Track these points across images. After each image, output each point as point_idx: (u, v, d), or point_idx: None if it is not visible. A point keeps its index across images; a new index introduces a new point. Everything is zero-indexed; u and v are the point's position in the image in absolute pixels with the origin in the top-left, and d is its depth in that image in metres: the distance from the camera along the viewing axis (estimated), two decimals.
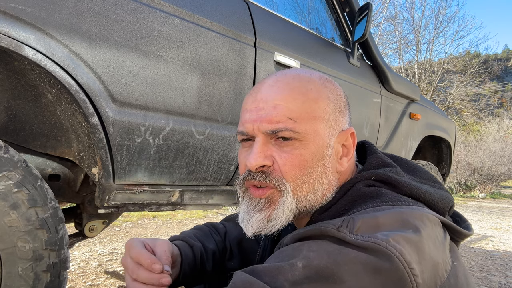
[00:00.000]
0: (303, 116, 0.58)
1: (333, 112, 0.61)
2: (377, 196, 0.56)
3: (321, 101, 0.60)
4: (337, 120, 0.61)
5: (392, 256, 0.43)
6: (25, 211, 0.82)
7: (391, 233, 0.46)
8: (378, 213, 0.49)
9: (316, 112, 0.59)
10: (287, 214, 0.58)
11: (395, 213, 0.50)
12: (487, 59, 25.86)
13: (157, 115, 1.08)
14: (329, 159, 0.60)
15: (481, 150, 11.50)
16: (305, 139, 0.58)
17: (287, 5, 1.72)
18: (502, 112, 25.00)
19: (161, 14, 1.07)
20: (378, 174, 0.59)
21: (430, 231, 0.50)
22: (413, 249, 0.45)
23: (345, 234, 0.46)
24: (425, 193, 0.59)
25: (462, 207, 7.28)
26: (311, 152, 0.58)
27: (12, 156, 0.83)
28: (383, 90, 2.08)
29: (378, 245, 0.44)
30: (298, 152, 0.58)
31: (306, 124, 0.58)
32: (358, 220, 0.48)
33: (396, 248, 0.43)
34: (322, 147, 0.59)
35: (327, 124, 0.60)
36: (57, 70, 0.86)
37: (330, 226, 0.47)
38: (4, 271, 0.79)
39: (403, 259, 0.43)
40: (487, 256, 3.09)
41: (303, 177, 0.58)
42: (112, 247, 2.72)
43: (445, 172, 2.92)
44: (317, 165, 0.59)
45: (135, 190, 1.11)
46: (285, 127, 0.57)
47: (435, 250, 0.49)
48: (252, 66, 1.32)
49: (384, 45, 15.36)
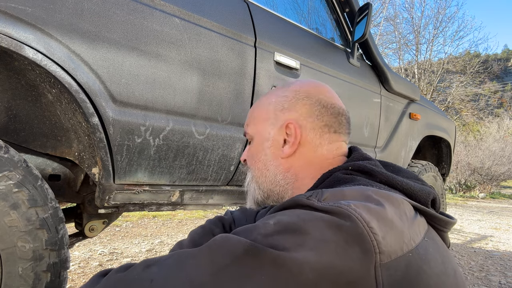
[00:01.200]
0: (250, 121, 0.80)
1: (273, 112, 0.76)
2: (351, 181, 0.62)
3: (263, 107, 0.78)
4: (278, 117, 0.75)
5: (352, 215, 0.48)
6: (25, 211, 0.82)
7: (354, 202, 0.51)
8: (345, 188, 0.56)
9: (259, 116, 0.78)
10: (252, 192, 0.78)
11: (361, 189, 0.55)
12: (487, 59, 25.86)
13: (157, 115, 1.08)
14: (268, 148, 0.75)
15: (481, 150, 11.50)
16: (253, 138, 0.79)
17: (287, 5, 1.72)
18: (502, 112, 25.01)
19: (161, 14, 1.07)
20: (355, 164, 0.66)
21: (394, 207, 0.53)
22: (374, 215, 0.49)
23: (313, 201, 0.52)
24: (402, 182, 0.62)
25: (462, 207, 7.28)
26: (256, 145, 0.78)
27: (12, 156, 0.83)
28: (383, 90, 2.08)
29: (340, 207, 0.49)
30: (249, 147, 0.80)
31: (252, 127, 0.79)
32: (326, 192, 0.55)
33: (356, 211, 0.49)
34: (262, 140, 0.77)
35: (268, 122, 0.76)
36: (57, 70, 0.86)
37: (301, 196, 0.54)
38: (4, 271, 0.79)
39: (362, 219, 0.48)
40: (487, 256, 3.10)
41: (253, 164, 0.78)
42: (112, 247, 2.72)
43: (445, 172, 2.93)
44: (259, 154, 0.77)
45: (135, 190, 1.11)
46: (244, 131, 0.82)
47: (400, 222, 0.52)
48: (252, 66, 1.32)
49: (384, 45, 15.37)
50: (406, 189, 0.61)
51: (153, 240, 3.02)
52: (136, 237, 3.11)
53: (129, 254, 2.57)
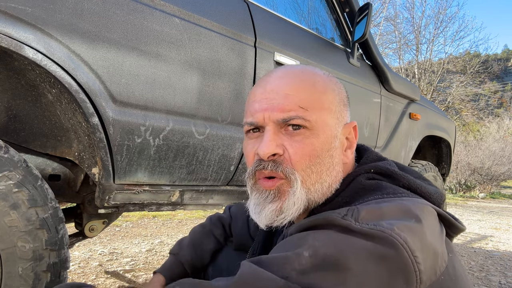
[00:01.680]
0: (313, 106, 0.59)
1: (338, 104, 0.63)
2: (378, 189, 0.57)
3: (329, 93, 0.62)
4: (342, 113, 0.63)
5: (397, 243, 0.44)
6: (25, 211, 0.82)
7: (395, 221, 0.47)
8: (382, 204, 0.51)
9: (325, 103, 0.60)
10: (298, 205, 0.58)
11: (398, 204, 0.51)
12: (487, 59, 25.85)
13: (157, 115, 1.08)
14: (336, 150, 0.61)
15: (481, 150, 11.50)
16: (315, 129, 0.59)
17: (287, 5, 1.72)
18: (502, 112, 25.01)
19: (161, 14, 1.07)
20: (377, 167, 0.61)
21: (430, 221, 0.51)
22: (416, 237, 0.46)
23: (350, 222, 0.46)
24: (421, 186, 0.60)
25: (462, 207, 7.28)
26: (321, 141, 0.59)
27: (12, 156, 0.83)
28: (383, 90, 2.08)
29: (384, 232, 0.44)
30: (309, 141, 0.58)
31: (316, 113, 0.59)
32: (362, 209, 0.49)
33: (400, 236, 0.44)
34: (330, 137, 0.60)
35: (334, 116, 0.61)
36: (57, 70, 0.86)
37: (336, 214, 0.48)
38: (4, 271, 0.79)
39: (408, 247, 0.44)
40: (487, 256, 3.10)
41: (312, 166, 0.58)
42: (112, 247, 2.72)
43: (445, 172, 2.92)
44: (325, 155, 0.59)
45: (135, 190, 1.11)
46: (296, 115, 0.58)
47: (435, 240, 0.50)
48: (252, 66, 1.32)
49: (384, 45, 15.37)
50: (425, 193, 0.60)
51: (153, 240, 3.03)
52: (136, 237, 3.11)
53: (129, 254, 2.57)
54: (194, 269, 0.88)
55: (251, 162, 0.62)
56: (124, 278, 2.07)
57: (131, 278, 2.07)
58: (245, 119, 0.64)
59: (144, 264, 2.35)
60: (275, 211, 0.58)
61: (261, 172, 0.60)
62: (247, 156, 0.64)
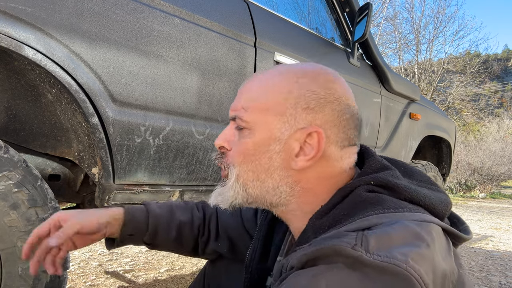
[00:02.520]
0: (254, 106, 0.61)
1: (293, 107, 0.60)
2: (378, 203, 0.55)
3: (278, 95, 0.60)
4: (297, 117, 0.59)
5: (413, 279, 0.43)
6: (25, 211, 0.82)
7: (408, 249, 0.45)
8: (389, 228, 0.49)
9: (269, 104, 0.60)
10: (232, 193, 0.63)
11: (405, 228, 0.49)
12: (487, 59, 25.86)
13: (157, 115, 1.08)
14: (277, 153, 0.60)
15: (481, 150, 11.50)
16: (252, 129, 0.61)
17: (287, 5, 1.72)
18: (502, 112, 25.01)
19: (161, 14, 1.07)
20: (378, 179, 0.59)
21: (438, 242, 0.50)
22: (428, 266, 0.45)
23: (361, 253, 0.44)
24: (424, 197, 0.58)
25: (462, 207, 7.28)
26: (255, 142, 0.61)
27: (12, 156, 0.83)
28: (383, 90, 2.08)
29: (398, 266, 0.43)
30: (244, 140, 0.62)
31: (256, 114, 0.61)
32: (371, 237, 0.46)
33: (415, 269, 0.43)
34: (268, 139, 0.60)
35: (282, 119, 0.60)
36: (57, 70, 0.86)
37: (344, 244, 0.46)
38: (4, 271, 0.79)
39: (423, 282, 0.43)
40: (487, 256, 3.09)
41: (247, 163, 0.62)
42: None
43: (445, 172, 2.93)
44: (261, 156, 0.61)
45: (135, 190, 1.11)
46: (236, 115, 0.62)
47: (444, 262, 0.49)
48: (252, 66, 1.32)
49: (384, 45, 15.37)
50: (428, 205, 0.58)
51: None
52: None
53: (129, 254, 2.57)
54: (155, 230, 0.82)
55: None
56: (124, 278, 2.07)
57: (131, 278, 2.07)
58: None
59: (144, 264, 2.35)
60: (218, 194, 0.66)
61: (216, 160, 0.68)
62: None
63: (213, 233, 0.89)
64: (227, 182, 0.64)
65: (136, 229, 0.80)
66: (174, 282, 2.04)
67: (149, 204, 0.85)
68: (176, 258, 2.52)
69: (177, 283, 2.04)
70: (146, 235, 0.81)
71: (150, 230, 0.81)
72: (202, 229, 0.89)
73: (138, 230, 0.80)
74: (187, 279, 2.11)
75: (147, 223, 0.81)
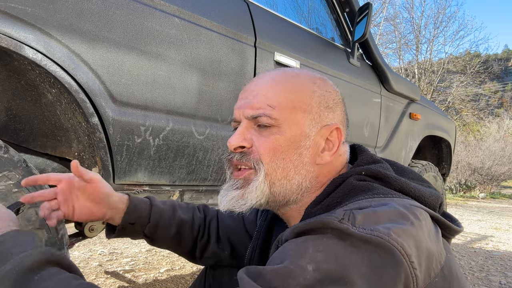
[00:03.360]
0: (282, 105, 0.63)
1: (317, 106, 0.64)
2: (368, 190, 0.58)
3: (302, 94, 0.64)
4: (321, 114, 0.65)
5: (395, 250, 0.45)
6: (25, 211, 0.82)
7: (391, 225, 0.48)
8: (376, 208, 0.51)
9: (297, 102, 0.63)
10: (258, 194, 0.62)
11: (392, 207, 0.52)
12: (487, 59, 25.83)
13: (157, 115, 1.08)
14: (306, 149, 0.63)
15: (481, 150, 11.50)
16: (282, 126, 0.62)
17: (287, 5, 1.72)
18: (502, 112, 24.99)
19: (161, 14, 1.07)
20: (369, 169, 0.62)
21: (424, 223, 0.52)
22: (412, 241, 0.47)
23: (348, 226, 0.47)
24: (415, 189, 0.61)
25: (462, 207, 7.28)
26: (286, 138, 0.62)
27: (12, 156, 0.83)
28: (383, 90, 2.08)
29: (381, 238, 0.45)
30: (274, 137, 0.62)
31: (284, 112, 0.62)
32: (357, 214, 0.49)
33: (397, 241, 0.45)
34: (299, 136, 0.63)
35: (309, 116, 0.64)
36: (57, 70, 0.86)
37: (333, 218, 0.48)
38: None
39: (405, 253, 0.45)
40: (487, 256, 3.09)
41: (276, 161, 0.62)
42: (112, 247, 2.72)
43: (445, 172, 2.92)
44: (292, 153, 0.62)
45: (135, 190, 1.11)
46: (263, 113, 0.62)
47: (430, 242, 0.50)
48: (252, 66, 1.32)
49: (384, 45, 15.37)
50: (418, 196, 0.60)
51: None
52: None
53: (129, 254, 2.57)
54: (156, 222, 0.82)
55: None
56: (124, 278, 2.07)
57: (131, 278, 2.07)
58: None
59: (144, 264, 2.35)
60: (237, 198, 0.64)
61: (230, 161, 0.66)
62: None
63: (214, 236, 0.90)
64: (251, 183, 0.63)
65: (138, 219, 0.80)
66: (174, 282, 2.04)
67: (153, 198, 0.86)
68: (176, 258, 2.52)
69: (177, 283, 2.04)
70: (147, 227, 0.82)
71: (152, 222, 0.82)
72: (202, 231, 0.89)
73: (140, 220, 0.81)
74: (187, 279, 2.11)
75: (149, 214, 0.82)
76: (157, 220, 0.83)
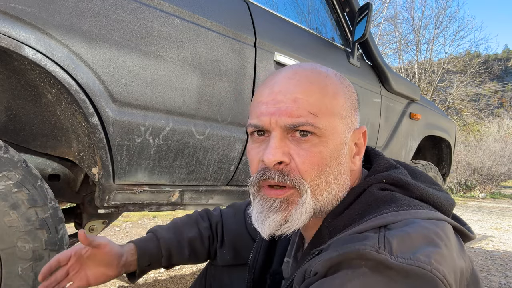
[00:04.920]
0: (323, 111, 0.55)
1: (349, 109, 0.59)
2: (392, 201, 0.55)
3: (339, 97, 0.58)
4: (352, 118, 0.60)
5: (437, 280, 0.43)
6: (25, 211, 0.82)
7: (429, 250, 0.45)
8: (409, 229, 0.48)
9: (335, 108, 0.57)
10: (305, 216, 0.56)
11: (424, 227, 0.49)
12: (487, 59, 25.84)
13: (157, 115, 1.08)
14: (344, 157, 0.58)
15: (481, 150, 11.49)
16: (324, 136, 0.55)
17: (287, 5, 1.72)
18: (502, 112, 24.98)
19: (161, 14, 1.07)
20: (389, 177, 0.58)
21: (453, 241, 0.51)
22: (449, 265, 0.45)
23: (386, 257, 0.43)
24: (433, 196, 0.59)
25: (462, 207, 7.28)
26: (330, 149, 0.56)
27: (12, 156, 0.83)
28: (383, 90, 2.08)
29: (423, 269, 0.43)
30: (317, 149, 0.55)
31: (326, 119, 0.55)
32: (392, 238, 0.46)
33: (439, 270, 0.43)
34: (339, 144, 0.57)
35: (344, 121, 0.58)
36: (57, 70, 0.86)
37: (368, 248, 0.44)
38: (4, 271, 0.79)
39: (447, 282, 0.43)
40: (487, 256, 3.09)
41: (320, 176, 0.56)
42: None
43: (445, 172, 2.92)
44: (334, 163, 0.56)
45: (135, 190, 1.11)
46: (306, 121, 0.54)
47: (460, 260, 0.49)
48: (252, 66, 1.32)
49: (384, 45, 15.37)
50: (437, 203, 0.58)
51: None
52: (136, 237, 3.10)
53: None
54: (168, 253, 0.84)
55: (256, 169, 0.59)
56: (124, 278, 2.07)
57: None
58: (250, 121, 0.60)
59: None
60: (280, 221, 0.56)
61: (266, 181, 0.57)
62: (251, 161, 0.61)
63: (219, 239, 0.91)
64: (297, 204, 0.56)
65: (151, 259, 0.83)
66: (174, 282, 2.04)
67: (156, 231, 0.87)
68: None
69: (177, 283, 2.04)
70: (162, 261, 0.84)
71: (165, 255, 0.84)
72: (212, 238, 0.91)
73: (153, 259, 0.83)
74: (187, 279, 2.11)
75: (159, 250, 0.84)
76: (169, 250, 0.85)
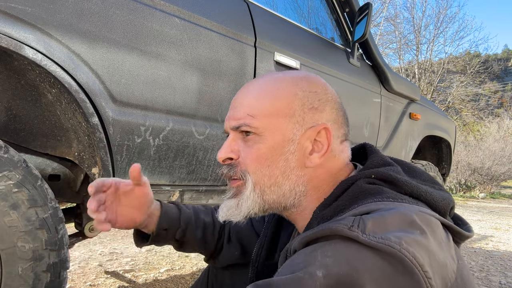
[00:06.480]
0: (262, 113, 0.63)
1: (300, 108, 0.63)
2: (378, 193, 0.56)
3: (283, 99, 0.63)
4: (305, 117, 0.63)
5: (406, 260, 0.44)
6: (25, 211, 0.82)
7: (402, 234, 0.46)
8: (385, 213, 0.50)
9: (278, 108, 0.63)
10: (249, 204, 0.63)
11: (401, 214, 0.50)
12: (487, 59, 25.84)
13: (157, 115, 1.08)
14: (292, 154, 0.63)
15: (481, 150, 11.50)
16: (263, 134, 0.62)
17: (287, 5, 1.72)
18: (502, 112, 24.97)
19: (161, 14, 1.07)
20: (378, 172, 0.60)
21: (435, 233, 0.50)
22: (423, 251, 0.46)
23: (357, 234, 0.45)
24: (425, 193, 0.59)
25: (462, 207, 7.28)
26: (269, 146, 0.62)
27: (12, 156, 0.83)
28: (383, 90, 2.08)
29: (392, 248, 0.44)
30: (257, 146, 0.63)
31: (265, 120, 0.62)
32: (368, 220, 0.48)
33: (409, 251, 0.44)
34: (282, 142, 0.62)
35: (292, 120, 0.63)
36: (57, 70, 0.86)
37: (342, 225, 0.47)
38: (4, 271, 0.79)
39: (417, 263, 0.44)
40: (487, 256, 3.09)
41: (262, 169, 0.62)
42: (112, 247, 2.72)
43: (445, 172, 2.92)
44: (277, 159, 0.62)
45: None
46: (243, 123, 0.63)
47: (442, 252, 0.49)
48: (252, 66, 1.32)
49: (384, 45, 15.37)
50: (429, 200, 0.59)
51: None
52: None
53: (129, 254, 2.57)
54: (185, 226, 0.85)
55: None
56: (124, 278, 2.07)
57: (131, 278, 2.07)
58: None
59: (144, 264, 2.35)
60: (231, 208, 0.65)
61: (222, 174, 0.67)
62: None
63: (226, 237, 0.92)
64: (242, 193, 0.64)
65: (170, 224, 0.83)
66: (174, 282, 2.04)
67: (179, 204, 0.89)
68: (176, 258, 2.52)
69: (177, 283, 2.04)
70: (178, 231, 0.84)
71: (182, 226, 0.85)
72: (222, 231, 0.92)
73: (172, 225, 0.83)
74: (187, 279, 2.11)
75: (179, 220, 0.85)
76: (186, 224, 0.85)
